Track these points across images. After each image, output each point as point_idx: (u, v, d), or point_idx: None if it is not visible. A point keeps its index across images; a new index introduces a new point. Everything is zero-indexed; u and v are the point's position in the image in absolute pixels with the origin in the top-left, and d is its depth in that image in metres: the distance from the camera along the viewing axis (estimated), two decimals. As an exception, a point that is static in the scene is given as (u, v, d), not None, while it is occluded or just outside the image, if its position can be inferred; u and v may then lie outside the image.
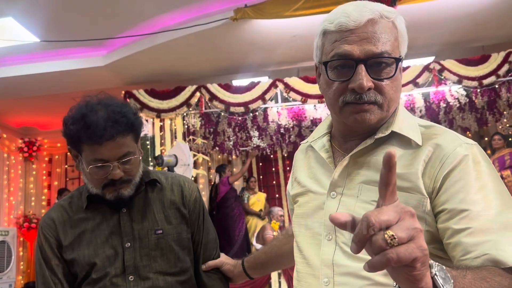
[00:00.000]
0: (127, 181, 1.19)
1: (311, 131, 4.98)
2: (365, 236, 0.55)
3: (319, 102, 5.89)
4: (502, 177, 5.78)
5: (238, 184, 7.29)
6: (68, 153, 7.54)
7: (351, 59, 0.87)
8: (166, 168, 4.37)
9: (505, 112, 6.43)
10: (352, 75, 0.86)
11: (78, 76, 5.92)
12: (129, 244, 1.19)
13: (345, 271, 0.85)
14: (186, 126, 6.14)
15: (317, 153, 1.00)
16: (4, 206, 7.64)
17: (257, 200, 6.60)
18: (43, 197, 8.54)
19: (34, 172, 8.49)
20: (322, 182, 0.96)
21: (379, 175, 0.77)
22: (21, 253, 7.75)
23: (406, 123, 0.93)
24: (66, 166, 8.80)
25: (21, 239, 7.76)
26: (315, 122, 6.53)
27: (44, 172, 8.71)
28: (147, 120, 5.97)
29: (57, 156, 8.78)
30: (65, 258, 1.20)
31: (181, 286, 1.20)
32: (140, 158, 1.25)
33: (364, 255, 0.71)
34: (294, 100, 5.90)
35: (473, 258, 0.76)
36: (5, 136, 7.81)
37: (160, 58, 5.51)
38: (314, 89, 5.73)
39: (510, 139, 6.71)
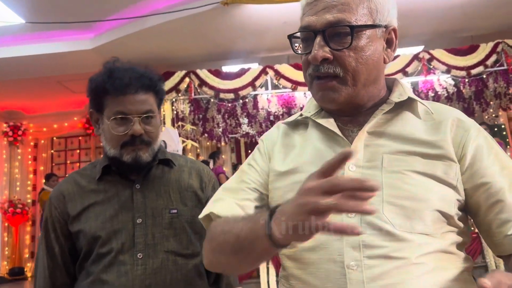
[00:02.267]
0: (146, 143, 1.18)
1: None
2: None
3: (309, 90, 5.95)
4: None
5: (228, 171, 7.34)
6: (54, 138, 7.65)
7: (311, 31, 0.85)
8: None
9: (491, 102, 6.52)
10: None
11: (65, 59, 5.87)
12: (140, 220, 1.16)
13: (377, 253, 0.77)
14: (175, 112, 6.14)
15: (321, 127, 0.92)
16: (-11, 192, 7.63)
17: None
18: (29, 182, 8.50)
19: (19, 157, 8.44)
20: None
21: (402, 144, 0.84)
22: (6, 239, 7.72)
23: (412, 93, 0.90)
24: (52, 151, 8.72)
25: (6, 224, 7.73)
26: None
27: (30, 157, 8.66)
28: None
29: (42, 141, 8.69)
30: (71, 230, 1.18)
31: (190, 270, 1.17)
32: (161, 125, 1.25)
33: (399, 230, 0.77)
34: (284, 87, 5.93)
35: None
36: (-11, 120, 7.78)
37: (149, 42, 5.48)
38: (303, 76, 5.79)
39: (495, 128, 6.86)
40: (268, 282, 4.49)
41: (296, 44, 0.92)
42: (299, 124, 1.00)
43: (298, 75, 5.77)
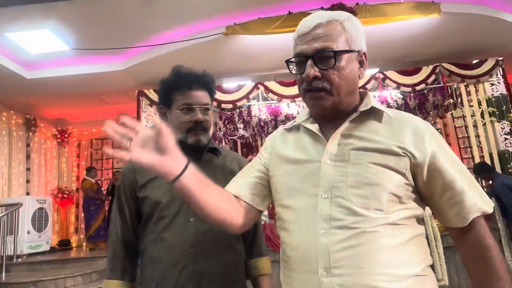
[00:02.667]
0: (205, 129, 1.19)
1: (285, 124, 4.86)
2: None
3: (291, 101, 5.94)
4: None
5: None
6: (93, 140, 7.58)
7: (303, 56, 0.90)
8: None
9: (431, 112, 6.58)
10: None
11: (101, 78, 5.83)
12: None
13: (340, 224, 0.82)
14: (187, 119, 6.10)
15: (308, 130, 0.96)
16: (42, 181, 7.59)
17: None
18: (73, 174, 8.51)
19: (66, 154, 8.41)
20: (312, 153, 0.92)
21: (365, 143, 0.88)
22: (56, 218, 7.69)
23: (377, 103, 0.94)
24: (91, 150, 8.74)
25: (56, 206, 7.69)
26: (288, 117, 6.58)
27: (74, 154, 8.66)
28: (156, 113, 5.93)
29: (84, 142, 8.71)
30: (138, 196, 1.18)
31: (230, 234, 1.12)
32: (213, 117, 1.25)
33: (358, 207, 0.83)
34: (272, 99, 5.91)
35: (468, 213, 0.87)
36: (42, 125, 7.73)
37: (166, 65, 5.29)
38: (287, 91, 5.78)
39: (435, 132, 6.91)
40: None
41: (291, 67, 0.96)
42: (293, 128, 1.03)
43: (283, 90, 5.79)
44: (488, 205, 0.88)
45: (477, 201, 0.87)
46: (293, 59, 0.94)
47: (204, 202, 0.90)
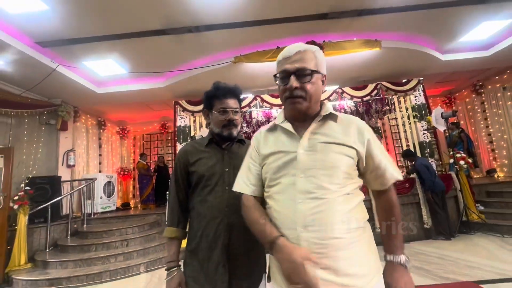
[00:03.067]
0: (235, 125, 1.18)
1: None
2: None
3: (279, 108, 5.92)
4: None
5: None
6: (144, 135, 7.57)
7: (287, 72, 0.90)
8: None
9: (374, 115, 6.55)
10: (288, 82, 0.89)
11: (148, 92, 5.77)
12: (227, 169, 1.13)
13: (312, 196, 0.83)
14: (205, 122, 6.06)
15: (284, 129, 0.93)
16: (110, 163, 7.57)
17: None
18: (131, 158, 8.43)
19: (125, 145, 8.34)
20: (289, 146, 0.91)
21: (327, 138, 0.89)
22: (119, 188, 7.69)
23: (332, 110, 0.95)
24: (143, 142, 8.66)
25: (119, 180, 7.69)
26: (276, 119, 6.60)
27: (131, 145, 8.57)
28: (186, 117, 5.90)
29: (138, 136, 8.61)
30: (189, 170, 1.16)
31: None
32: (240, 117, 1.22)
33: (325, 183, 0.85)
34: (265, 107, 5.86)
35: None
36: (109, 125, 7.67)
37: (193, 83, 5.39)
38: (276, 101, 5.75)
39: (375, 129, 6.89)
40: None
41: (277, 81, 0.95)
42: (273, 129, 1.00)
43: (273, 100, 5.76)
44: (399, 174, 0.94)
45: (393, 173, 0.93)
46: (278, 75, 0.93)
47: None
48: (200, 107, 5.85)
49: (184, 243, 1.16)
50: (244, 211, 0.94)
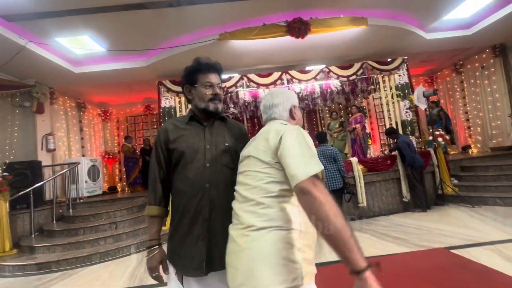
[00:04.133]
0: (220, 100, 1.17)
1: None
2: None
3: (266, 88, 5.83)
4: (354, 129, 6.17)
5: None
6: (128, 117, 7.33)
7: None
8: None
9: (359, 95, 6.63)
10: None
11: (130, 72, 5.50)
12: (208, 146, 1.11)
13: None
14: (193, 101, 5.91)
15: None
16: (93, 147, 7.34)
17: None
18: (115, 141, 8.18)
19: (109, 127, 8.05)
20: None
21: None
22: (105, 171, 7.53)
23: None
24: (127, 124, 8.37)
25: (104, 164, 7.51)
26: (263, 99, 6.52)
27: (115, 127, 8.27)
28: (171, 97, 5.72)
29: (121, 118, 8.28)
30: (169, 148, 1.13)
31: (232, 176, 1.07)
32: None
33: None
34: (252, 86, 5.75)
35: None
36: (89, 107, 7.34)
37: (177, 62, 5.16)
38: (263, 80, 5.64)
39: (361, 108, 7.01)
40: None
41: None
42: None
43: (260, 80, 5.65)
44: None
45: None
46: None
47: None
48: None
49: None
50: (328, 204, 0.73)
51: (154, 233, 1.10)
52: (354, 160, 4.69)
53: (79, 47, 4.63)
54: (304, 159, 0.82)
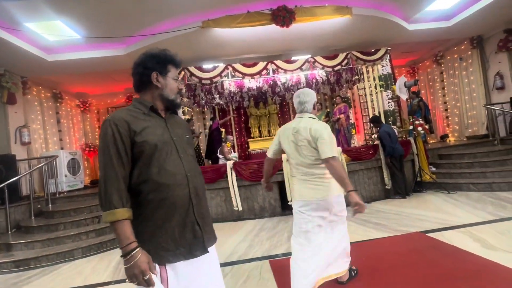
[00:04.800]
0: (182, 95, 1.22)
1: (248, 95, 5.09)
2: None
3: (251, 78, 5.76)
4: (338, 119, 6.26)
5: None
6: (109, 108, 7.08)
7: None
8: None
9: (344, 85, 6.70)
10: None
11: (109, 61, 5.26)
12: (175, 138, 1.11)
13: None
14: (177, 91, 5.74)
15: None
16: (72, 139, 7.05)
17: (230, 143, 6.34)
18: (96, 133, 7.87)
19: (89, 119, 7.74)
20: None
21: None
22: (86, 165, 7.28)
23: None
24: (108, 115, 8.08)
25: (85, 157, 7.25)
26: (249, 89, 6.43)
27: (95, 119, 7.96)
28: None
29: (102, 109, 7.98)
30: (135, 140, 1.03)
31: (198, 164, 1.19)
32: None
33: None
34: (237, 76, 5.65)
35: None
36: (67, 98, 7.00)
37: None
38: (248, 70, 5.55)
39: (345, 98, 7.10)
40: (232, 180, 4.56)
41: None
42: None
43: (245, 70, 5.55)
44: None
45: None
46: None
47: None
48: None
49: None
50: (337, 168, 1.64)
51: (130, 234, 0.98)
52: (338, 149, 4.78)
53: (51, 34, 4.34)
54: (329, 147, 1.68)
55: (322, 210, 1.74)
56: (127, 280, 0.97)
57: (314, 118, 1.83)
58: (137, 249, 0.98)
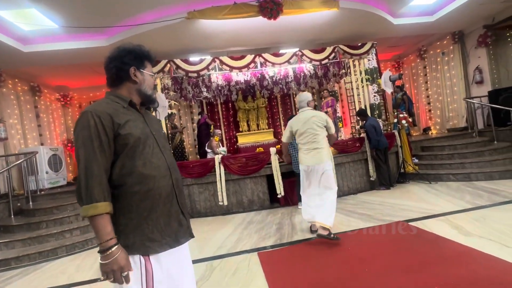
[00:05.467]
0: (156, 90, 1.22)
1: (236, 89, 5.17)
2: None
3: (239, 71, 5.69)
4: (326, 112, 6.32)
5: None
6: (91, 102, 6.83)
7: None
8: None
9: (331, 79, 6.75)
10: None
11: (89, 52, 5.03)
12: (154, 133, 1.13)
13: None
14: (162, 84, 5.53)
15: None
16: (53, 135, 6.77)
17: (218, 137, 6.27)
18: (78, 128, 7.61)
19: (70, 113, 7.44)
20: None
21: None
22: (69, 160, 7.04)
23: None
24: (86, 107, 7.79)
25: (68, 153, 7.00)
26: (237, 83, 6.36)
27: (77, 113, 7.63)
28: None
29: (84, 104, 7.65)
30: (120, 133, 1.01)
31: (173, 157, 1.22)
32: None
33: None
34: (225, 69, 5.56)
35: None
36: (46, 91, 6.69)
37: (143, 42, 4.74)
38: (236, 63, 5.48)
39: (332, 92, 7.16)
40: (220, 174, 4.54)
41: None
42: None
43: (233, 63, 5.48)
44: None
45: None
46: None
47: None
48: (153, 70, 5.35)
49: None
50: (335, 138, 2.96)
51: (110, 230, 0.96)
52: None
53: (26, 23, 4.10)
54: (332, 127, 2.88)
55: (318, 172, 2.76)
56: (101, 278, 0.95)
57: (312, 110, 2.90)
58: (117, 245, 0.97)
